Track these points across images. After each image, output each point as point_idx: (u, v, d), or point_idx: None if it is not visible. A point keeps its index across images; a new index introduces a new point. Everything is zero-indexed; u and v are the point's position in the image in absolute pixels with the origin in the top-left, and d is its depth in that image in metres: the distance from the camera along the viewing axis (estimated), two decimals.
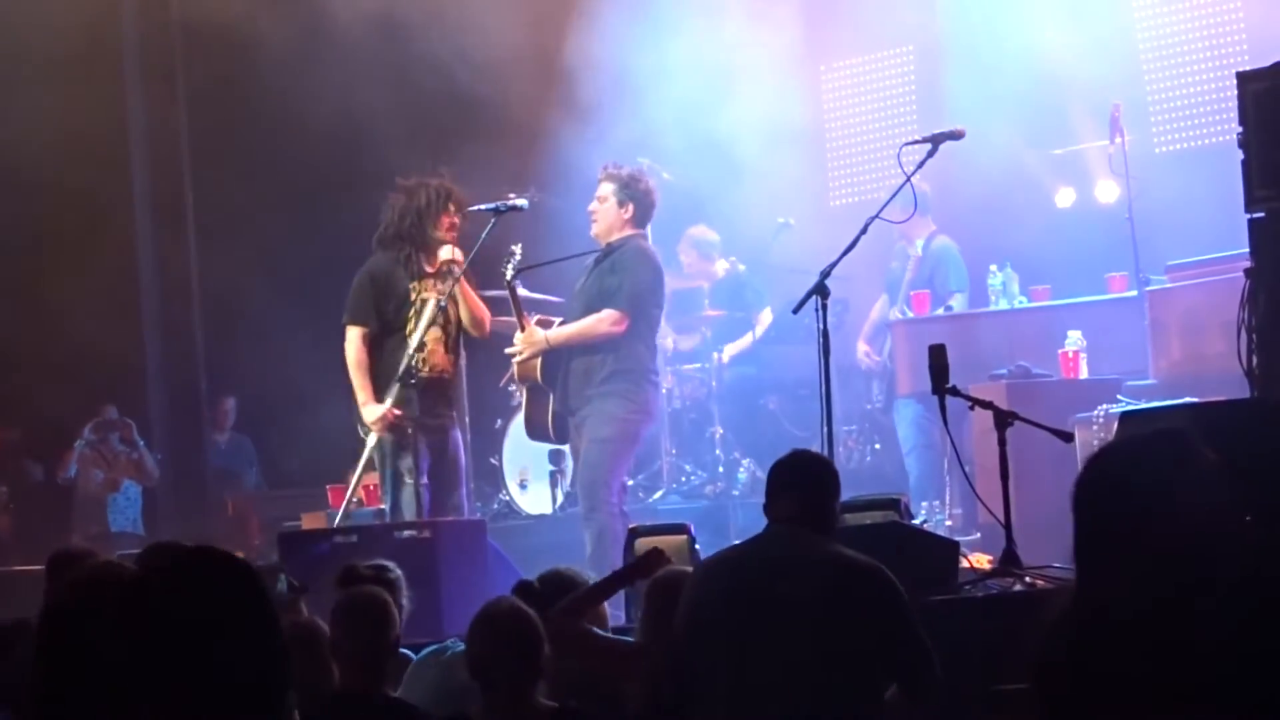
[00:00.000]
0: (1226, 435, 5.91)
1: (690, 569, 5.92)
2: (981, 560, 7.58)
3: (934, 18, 12.40)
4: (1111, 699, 2.92)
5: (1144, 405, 8.70)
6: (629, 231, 9.29)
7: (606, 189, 9.28)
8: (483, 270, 10.11)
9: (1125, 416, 7.70)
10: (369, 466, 9.42)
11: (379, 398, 9.03)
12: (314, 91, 12.75)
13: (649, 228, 9.31)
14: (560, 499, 11.13)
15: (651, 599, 5.72)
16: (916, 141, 8.44)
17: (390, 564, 6.02)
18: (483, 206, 9.51)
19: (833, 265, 8.12)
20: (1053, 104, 11.86)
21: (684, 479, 11.64)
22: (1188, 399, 8.72)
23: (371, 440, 9.07)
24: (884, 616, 5.08)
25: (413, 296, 9.16)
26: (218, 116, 13.97)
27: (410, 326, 9.10)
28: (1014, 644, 3.56)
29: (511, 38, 12.46)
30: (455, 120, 12.73)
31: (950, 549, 6.96)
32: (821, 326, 7.90)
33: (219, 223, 13.94)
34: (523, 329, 9.33)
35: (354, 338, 9.16)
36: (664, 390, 11.40)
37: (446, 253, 9.17)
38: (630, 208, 9.25)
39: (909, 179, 8.26)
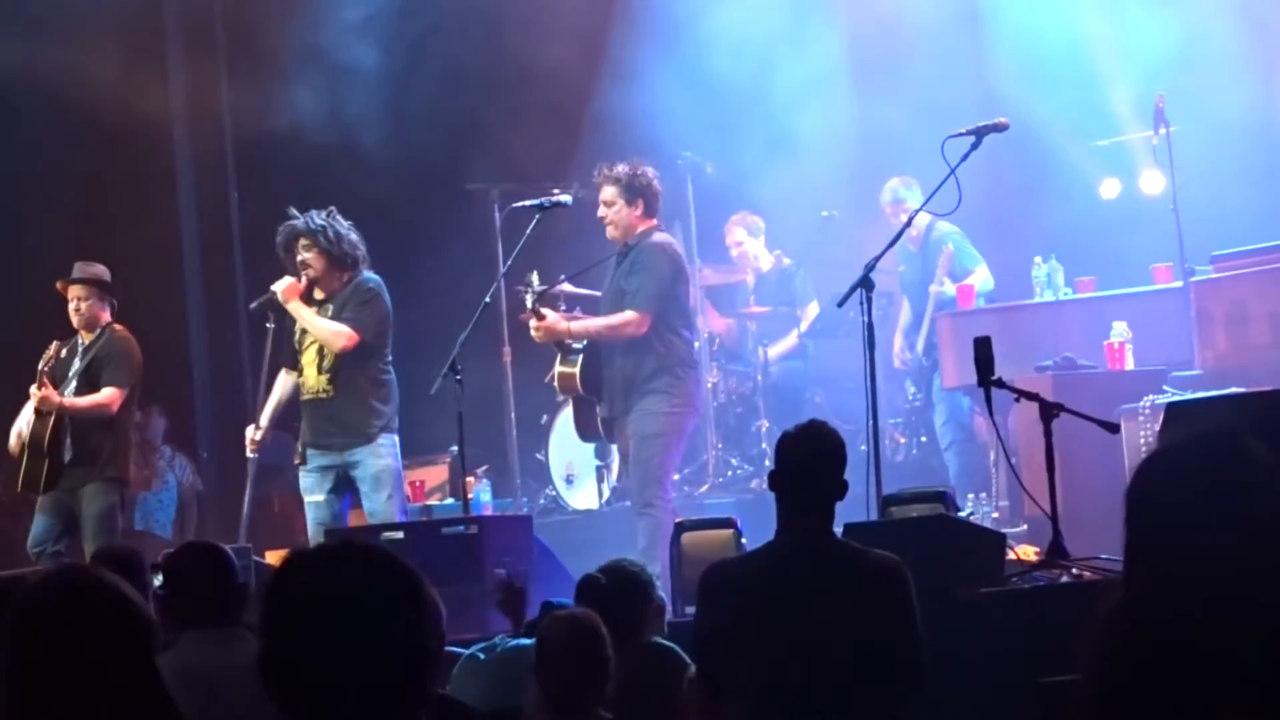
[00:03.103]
0: (1272, 425, 5.92)
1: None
2: (1028, 552, 7.57)
3: (976, 9, 12.35)
4: (1157, 701, 2.91)
5: (1190, 396, 8.66)
6: (644, 226, 9.31)
7: (610, 192, 9.25)
8: (527, 266, 10.17)
9: (1171, 408, 7.70)
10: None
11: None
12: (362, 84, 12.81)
13: (693, 219, 9.16)
14: (607, 494, 11.14)
15: None
16: (961, 134, 8.38)
17: None
18: (527, 203, 9.58)
19: (877, 258, 8.11)
20: (1096, 95, 11.81)
21: (730, 473, 11.64)
22: (1233, 389, 8.70)
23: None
24: (901, 614, 5.11)
25: (296, 328, 9.44)
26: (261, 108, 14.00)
27: (303, 357, 9.43)
28: (1061, 636, 3.55)
29: (558, 29, 12.51)
30: (499, 109, 12.74)
31: (997, 541, 6.96)
32: (867, 320, 7.91)
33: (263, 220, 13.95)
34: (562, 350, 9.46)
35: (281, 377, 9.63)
36: (709, 385, 11.42)
37: (278, 285, 9.38)
38: (640, 203, 9.25)
39: (953, 171, 8.23)
